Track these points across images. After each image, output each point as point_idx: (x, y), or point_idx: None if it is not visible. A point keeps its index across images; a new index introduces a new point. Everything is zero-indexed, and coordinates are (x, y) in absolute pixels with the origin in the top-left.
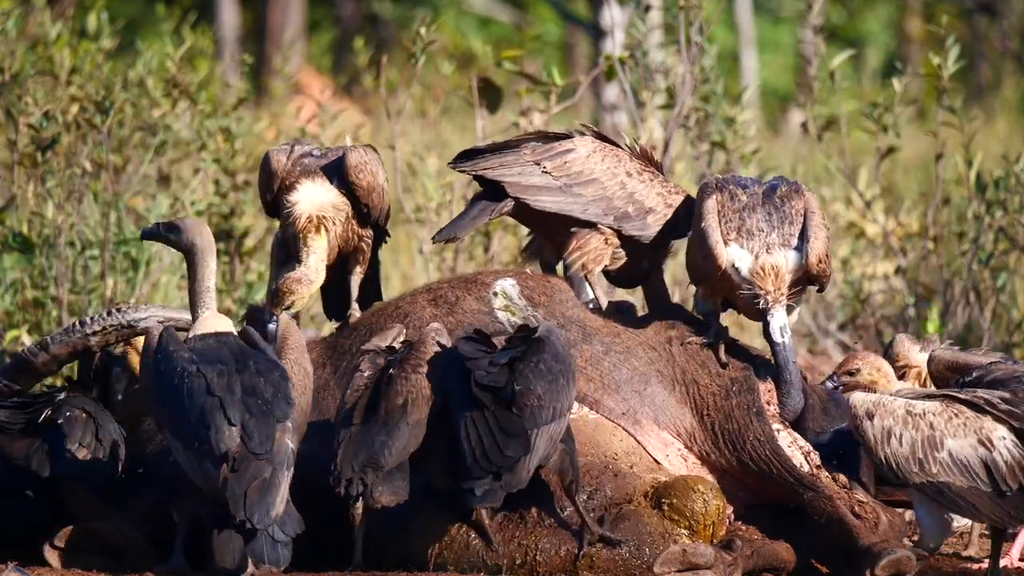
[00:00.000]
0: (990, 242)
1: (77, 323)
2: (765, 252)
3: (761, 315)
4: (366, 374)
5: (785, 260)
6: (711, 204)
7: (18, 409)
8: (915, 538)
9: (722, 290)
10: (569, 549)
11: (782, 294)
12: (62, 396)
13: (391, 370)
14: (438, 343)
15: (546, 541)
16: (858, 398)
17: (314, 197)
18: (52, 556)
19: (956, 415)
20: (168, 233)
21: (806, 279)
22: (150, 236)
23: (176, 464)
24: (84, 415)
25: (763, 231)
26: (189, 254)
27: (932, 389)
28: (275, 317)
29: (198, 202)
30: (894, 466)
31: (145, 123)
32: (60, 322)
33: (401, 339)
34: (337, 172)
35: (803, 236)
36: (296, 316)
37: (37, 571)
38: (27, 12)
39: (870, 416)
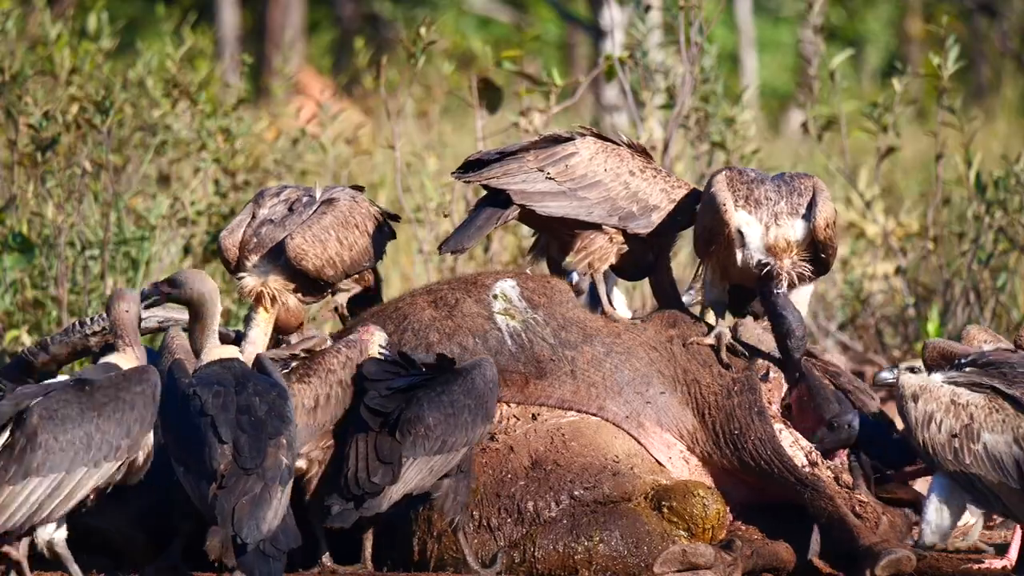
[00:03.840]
0: (990, 242)
1: (77, 323)
2: (775, 223)
3: (764, 283)
4: None
5: (794, 230)
6: (720, 178)
7: None
8: (915, 535)
9: (727, 263)
10: (567, 544)
11: (792, 264)
12: None
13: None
14: (348, 355)
15: (543, 538)
16: (908, 379)
17: (259, 276)
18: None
19: (997, 410)
20: (171, 289)
21: (813, 249)
22: (153, 298)
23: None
24: None
25: (771, 200)
26: (195, 304)
27: (982, 378)
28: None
29: (198, 202)
30: (931, 450)
31: (145, 123)
32: (60, 322)
33: (309, 345)
34: (283, 254)
35: (811, 207)
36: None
37: (37, 571)
38: (27, 12)
39: (915, 398)
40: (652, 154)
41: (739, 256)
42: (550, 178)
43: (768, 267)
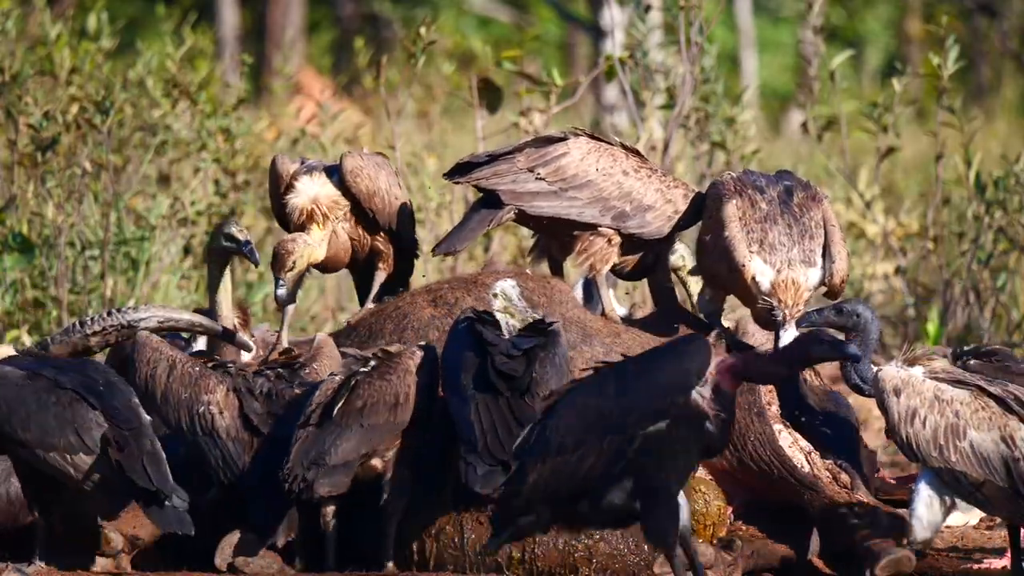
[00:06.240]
0: (990, 242)
1: (77, 323)
2: (787, 267)
3: (773, 326)
4: (337, 378)
5: (806, 278)
6: (732, 211)
7: None
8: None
9: (738, 296)
10: (567, 542)
11: (799, 310)
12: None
13: (358, 376)
14: (420, 350)
15: (543, 535)
16: (888, 372)
17: (309, 190)
18: (51, 556)
19: (983, 408)
20: None
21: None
22: None
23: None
24: None
25: (785, 246)
26: None
27: (966, 375)
28: (281, 281)
29: (198, 202)
30: (914, 446)
31: (145, 123)
32: (60, 322)
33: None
34: (338, 172)
35: (826, 253)
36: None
37: (50, 568)
38: (27, 12)
39: (897, 392)
40: (652, 154)
41: (754, 299)
42: (540, 178)
43: (771, 307)
